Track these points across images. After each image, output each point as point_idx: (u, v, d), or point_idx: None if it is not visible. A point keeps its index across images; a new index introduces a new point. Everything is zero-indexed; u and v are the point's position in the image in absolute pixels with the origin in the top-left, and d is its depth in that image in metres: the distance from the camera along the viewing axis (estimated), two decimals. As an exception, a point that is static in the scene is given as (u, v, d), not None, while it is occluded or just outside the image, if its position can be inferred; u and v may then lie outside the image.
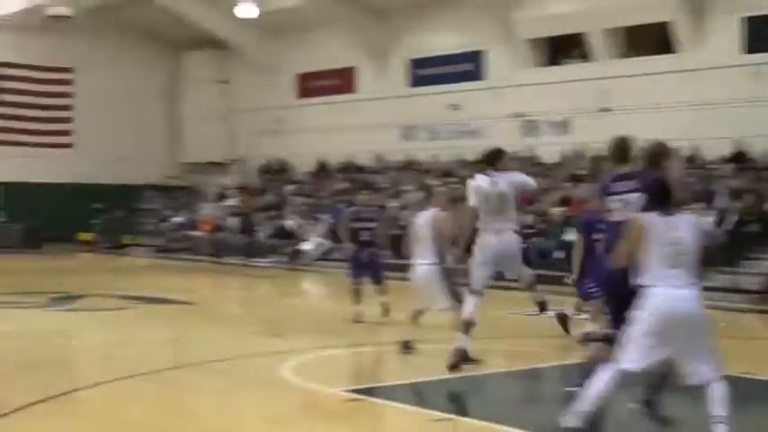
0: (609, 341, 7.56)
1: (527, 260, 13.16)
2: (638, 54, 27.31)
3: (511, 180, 10.68)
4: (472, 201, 10.49)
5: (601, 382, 7.07)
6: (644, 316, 7.04)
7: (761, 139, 23.58)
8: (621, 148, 8.37)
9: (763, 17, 24.26)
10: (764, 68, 23.99)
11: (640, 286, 7.12)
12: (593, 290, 11.24)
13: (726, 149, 24.10)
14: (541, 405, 9.63)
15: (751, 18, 24.51)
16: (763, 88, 23.84)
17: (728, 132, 23.97)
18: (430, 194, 13.36)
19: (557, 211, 23.72)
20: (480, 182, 10.53)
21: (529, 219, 23.71)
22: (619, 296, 7.51)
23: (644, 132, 26.00)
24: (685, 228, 7.17)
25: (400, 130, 32.62)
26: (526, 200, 13.85)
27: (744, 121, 23.88)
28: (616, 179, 8.26)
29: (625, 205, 7.94)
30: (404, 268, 12.57)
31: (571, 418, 7.12)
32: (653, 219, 7.17)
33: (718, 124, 24.36)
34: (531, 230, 23.48)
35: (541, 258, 23.03)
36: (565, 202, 24.22)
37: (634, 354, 7.03)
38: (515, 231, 10.69)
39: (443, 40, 31.47)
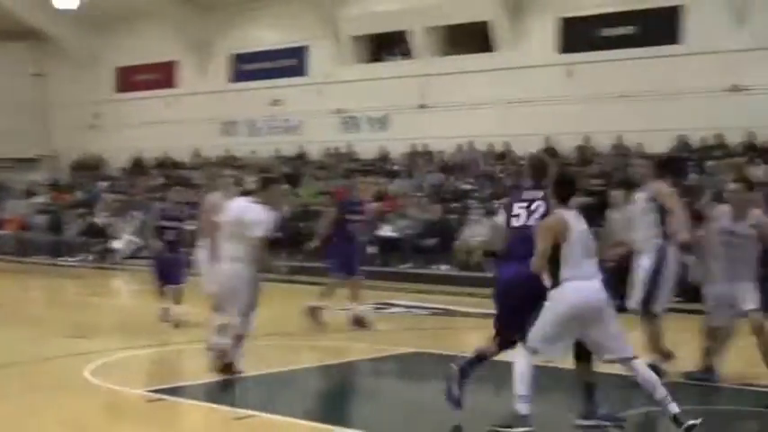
0: None
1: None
2: (459, 52, 27.79)
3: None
4: None
5: (522, 367, 7.27)
6: (558, 306, 7.23)
7: (571, 136, 24.33)
8: (537, 167, 8.12)
9: (576, 18, 25.06)
10: (577, 68, 24.78)
11: (555, 281, 7.29)
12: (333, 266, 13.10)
13: (537, 145, 24.72)
14: (346, 400, 9.59)
15: (565, 19, 25.27)
16: (575, 87, 24.62)
17: (541, 129, 24.63)
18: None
19: (371, 207, 23.78)
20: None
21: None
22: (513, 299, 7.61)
23: (460, 129, 26.97)
24: (584, 221, 7.45)
25: (220, 125, 32.22)
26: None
27: (556, 119, 24.61)
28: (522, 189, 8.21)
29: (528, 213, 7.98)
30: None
31: (521, 407, 7.24)
32: (568, 214, 7.35)
33: (532, 121, 25.03)
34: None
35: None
36: (379, 197, 24.39)
37: (543, 339, 7.26)
38: None
39: (266, 36, 31.28)
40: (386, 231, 22.88)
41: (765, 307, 9.37)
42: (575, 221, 7.34)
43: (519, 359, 7.33)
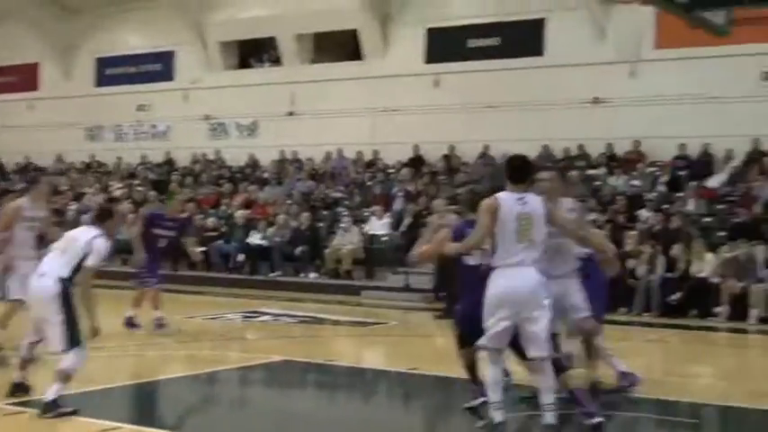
0: None
1: None
2: (328, 60, 27.90)
3: None
4: None
5: (491, 375, 7.32)
6: (488, 295, 7.24)
7: (438, 145, 24.70)
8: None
9: (443, 29, 25.46)
10: (444, 78, 25.19)
11: (490, 268, 7.29)
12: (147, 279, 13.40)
13: (406, 154, 25.08)
14: (214, 409, 9.55)
15: (432, 29, 25.65)
16: (442, 96, 25.02)
17: (408, 138, 24.94)
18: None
19: (240, 214, 23.73)
20: None
21: (211, 221, 23.64)
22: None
23: (330, 137, 27.05)
24: (532, 205, 7.29)
25: (85, 130, 31.56)
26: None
27: (424, 128, 24.95)
28: None
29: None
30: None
31: (496, 414, 7.27)
32: (506, 196, 7.29)
33: (401, 130, 25.32)
34: (215, 233, 23.43)
35: (224, 261, 23.09)
36: (249, 204, 24.35)
37: (492, 334, 7.25)
38: None
39: (132, 40, 30.78)
40: (255, 239, 22.81)
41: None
42: (511, 204, 7.23)
43: (489, 367, 7.38)
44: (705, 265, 17.57)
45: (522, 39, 24.37)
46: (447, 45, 25.42)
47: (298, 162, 26.79)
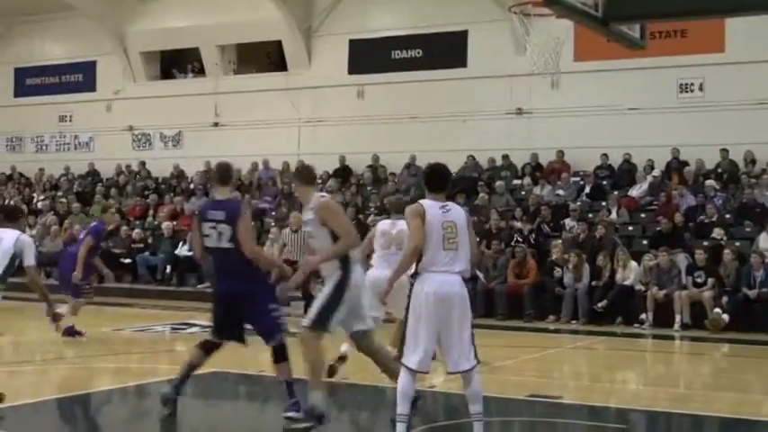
0: None
1: None
2: (252, 71, 27.84)
3: None
4: None
5: (403, 382, 7.22)
6: (413, 306, 7.20)
7: (364, 155, 24.78)
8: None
9: (366, 40, 25.58)
10: (367, 89, 25.30)
11: (414, 273, 7.27)
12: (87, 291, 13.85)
13: (332, 165, 25.10)
14: (144, 423, 9.45)
15: (355, 41, 25.75)
16: (366, 107, 25.13)
17: (335, 149, 25.00)
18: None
19: (166, 226, 23.50)
20: None
21: (137, 232, 23.42)
22: None
23: (256, 148, 26.93)
24: (455, 213, 7.35)
25: (5, 141, 31.01)
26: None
27: (349, 138, 25.03)
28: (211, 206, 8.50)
29: (218, 234, 8.16)
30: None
31: (399, 426, 7.20)
32: (429, 203, 7.32)
33: (326, 140, 25.38)
34: (141, 244, 23.21)
35: (150, 273, 22.88)
36: (175, 216, 24.14)
37: (415, 351, 7.17)
38: None
39: (53, 50, 30.34)
40: (182, 251, 22.60)
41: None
42: (436, 211, 7.28)
43: (401, 377, 7.30)
44: (629, 273, 17.90)
45: (445, 50, 24.59)
46: (370, 56, 25.55)
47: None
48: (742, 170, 21.01)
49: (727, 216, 19.57)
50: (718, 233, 18.71)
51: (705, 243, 18.43)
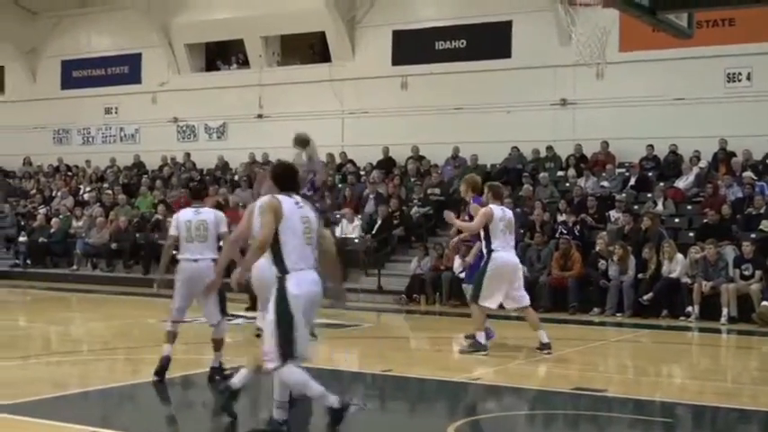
0: None
1: None
2: (296, 62, 27.92)
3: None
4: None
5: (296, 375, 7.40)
6: (291, 302, 7.31)
7: (406, 147, 24.74)
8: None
9: (410, 31, 25.52)
10: (411, 80, 25.25)
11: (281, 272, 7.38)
12: None
13: (375, 156, 25.10)
14: (194, 412, 9.52)
15: (399, 32, 25.70)
16: (410, 99, 25.09)
17: (379, 140, 24.99)
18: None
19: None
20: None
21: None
22: None
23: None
24: (309, 209, 7.60)
25: (52, 133, 31.36)
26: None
27: (392, 130, 25.01)
28: None
29: None
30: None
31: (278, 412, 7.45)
32: (285, 198, 7.46)
33: (370, 132, 25.39)
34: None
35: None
36: (219, 206, 24.17)
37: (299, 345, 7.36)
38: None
39: (98, 42, 30.64)
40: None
41: None
42: (292, 206, 7.47)
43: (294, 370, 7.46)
44: (676, 266, 17.72)
45: (488, 41, 24.48)
46: (414, 47, 25.48)
47: (268, 164, 26.71)
48: (791, 161, 20.73)
49: (776, 208, 19.29)
50: (765, 225, 18.48)
51: (753, 235, 18.23)
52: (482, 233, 12.27)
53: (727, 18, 21.20)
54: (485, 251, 12.28)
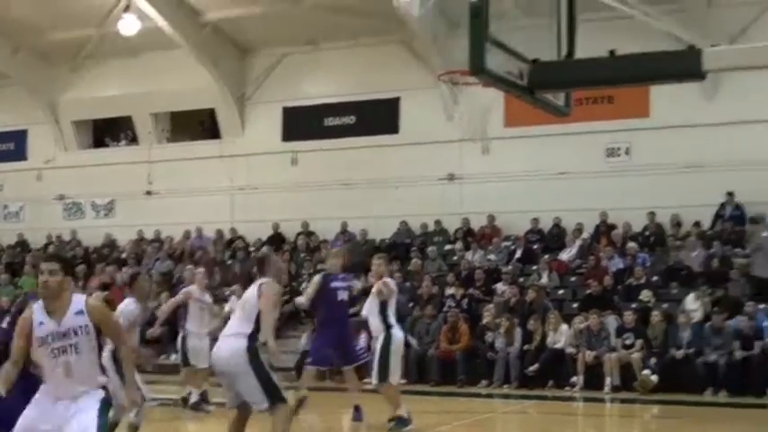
0: None
1: None
2: (186, 139, 27.85)
3: None
4: None
5: None
6: None
7: (296, 222, 24.77)
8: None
9: (298, 108, 25.75)
10: (300, 156, 25.41)
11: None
12: None
13: (267, 232, 25.08)
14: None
15: (289, 108, 25.92)
16: (300, 174, 25.23)
17: (269, 216, 24.99)
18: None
19: (98, 296, 23.20)
20: None
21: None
22: None
23: (189, 215, 26.75)
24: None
25: (-67, 211, 30.56)
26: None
27: (282, 206, 25.04)
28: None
29: None
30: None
31: None
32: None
33: (260, 208, 25.39)
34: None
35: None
36: (105, 286, 23.84)
37: None
38: None
39: (-18, 119, 30.07)
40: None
41: None
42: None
43: None
44: (560, 336, 18.09)
45: (377, 117, 24.83)
46: (304, 123, 25.68)
47: (157, 242, 26.48)
48: (668, 233, 21.42)
49: (655, 278, 19.90)
50: (645, 295, 19.02)
51: (633, 305, 18.74)
52: (378, 308, 12.16)
53: (607, 96, 21.96)
54: (381, 327, 12.10)
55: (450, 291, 20.48)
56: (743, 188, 20.88)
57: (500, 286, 20.42)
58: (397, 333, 12.07)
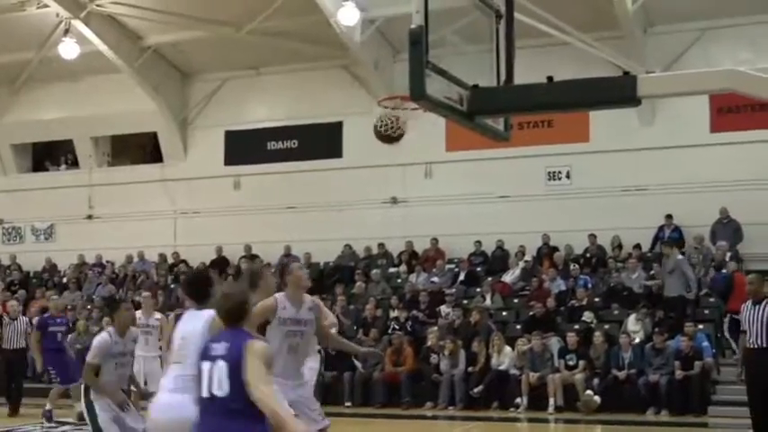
0: None
1: None
2: (127, 163, 27.68)
3: None
4: None
5: None
6: None
7: (239, 246, 24.66)
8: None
9: (241, 132, 25.74)
10: (243, 180, 25.40)
11: None
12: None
13: (210, 255, 24.95)
14: None
15: (231, 132, 25.89)
16: (243, 198, 25.19)
17: (212, 239, 24.87)
18: None
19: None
20: None
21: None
22: None
23: (131, 240, 26.52)
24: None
25: None
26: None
27: (225, 229, 24.97)
28: None
29: None
30: None
31: None
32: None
33: (203, 231, 25.28)
34: None
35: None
36: (44, 310, 23.56)
37: None
38: None
39: None
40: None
41: None
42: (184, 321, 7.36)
43: None
44: (504, 358, 18.22)
45: (320, 141, 24.91)
46: (246, 147, 25.67)
47: (98, 266, 26.22)
48: (609, 254, 21.69)
49: (597, 299, 20.13)
50: (588, 316, 19.23)
51: (576, 326, 18.93)
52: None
53: (547, 120, 22.25)
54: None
55: (394, 313, 20.55)
56: (681, 211, 21.28)
57: (444, 308, 20.50)
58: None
